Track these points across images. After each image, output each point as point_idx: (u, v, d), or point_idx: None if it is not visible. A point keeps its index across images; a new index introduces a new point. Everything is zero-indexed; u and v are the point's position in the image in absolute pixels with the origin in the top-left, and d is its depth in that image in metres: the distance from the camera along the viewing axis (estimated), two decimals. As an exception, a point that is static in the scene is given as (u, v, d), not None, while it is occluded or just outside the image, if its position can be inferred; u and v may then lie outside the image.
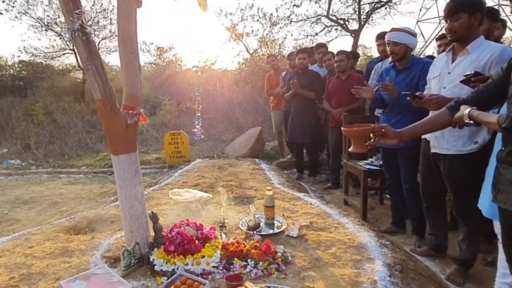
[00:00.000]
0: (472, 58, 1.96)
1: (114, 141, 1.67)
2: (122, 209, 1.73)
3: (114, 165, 1.70)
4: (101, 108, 1.62)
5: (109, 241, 2.00)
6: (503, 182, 1.29)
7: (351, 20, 11.48)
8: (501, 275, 1.82)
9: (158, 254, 1.70)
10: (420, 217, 2.66)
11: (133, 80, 1.68)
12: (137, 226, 1.75)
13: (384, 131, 1.52)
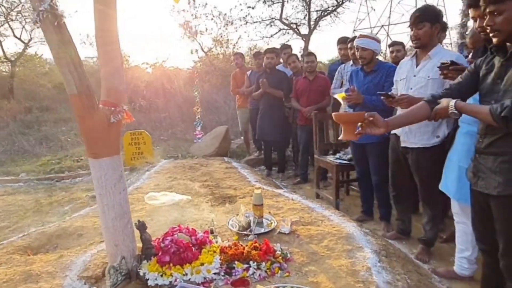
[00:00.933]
0: (434, 62, 2.15)
1: (94, 143, 1.50)
2: (104, 221, 1.56)
3: (94, 170, 1.52)
4: (77, 105, 1.43)
5: (83, 258, 1.79)
6: (484, 170, 1.43)
7: (302, 25, 11.94)
8: (460, 250, 2.08)
9: (150, 267, 1.57)
10: (387, 205, 2.88)
11: (114, 73, 1.52)
12: (122, 238, 1.59)
13: (372, 119, 1.53)
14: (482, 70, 1.46)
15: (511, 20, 1.26)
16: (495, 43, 1.36)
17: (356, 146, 2.92)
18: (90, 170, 1.54)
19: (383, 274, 1.63)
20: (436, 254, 2.39)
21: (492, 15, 1.30)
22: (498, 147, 1.35)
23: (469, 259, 2.01)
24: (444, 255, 2.39)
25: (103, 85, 1.52)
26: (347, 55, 3.93)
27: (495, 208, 1.40)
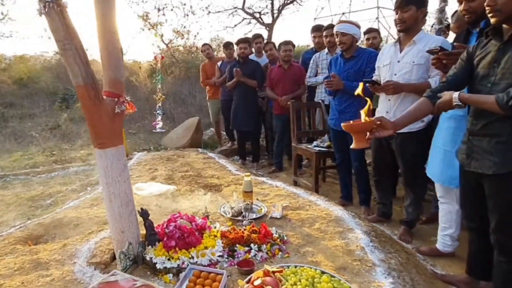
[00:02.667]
0: (419, 48, 2.22)
1: (100, 133, 1.48)
2: (111, 208, 1.55)
3: (100, 160, 1.51)
4: (84, 96, 1.41)
5: (87, 246, 1.77)
6: (478, 151, 1.52)
7: (265, 14, 11.97)
8: (443, 229, 2.22)
9: (157, 251, 1.60)
10: (366, 190, 3.04)
11: (116, 63, 1.50)
12: (128, 225, 1.60)
13: (380, 123, 1.52)
14: (476, 56, 1.52)
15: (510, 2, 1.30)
16: (494, 23, 1.40)
17: (336, 133, 3.02)
18: (96, 160, 1.52)
19: (376, 253, 1.76)
20: (417, 235, 2.56)
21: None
22: (494, 128, 1.43)
23: (452, 236, 2.17)
24: (424, 236, 2.56)
25: (105, 76, 1.50)
26: (322, 43, 3.99)
27: (489, 187, 1.51)
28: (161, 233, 1.66)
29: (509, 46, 1.38)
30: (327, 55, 3.80)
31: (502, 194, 1.48)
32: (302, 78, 4.03)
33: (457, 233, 2.18)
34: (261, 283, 1.33)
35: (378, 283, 1.51)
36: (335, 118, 3.01)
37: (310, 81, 3.96)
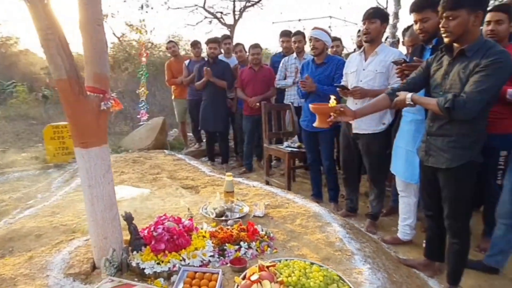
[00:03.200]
0: (380, 58, 2.48)
1: (84, 132, 1.40)
2: (93, 213, 1.47)
3: (82, 161, 1.42)
4: (67, 90, 1.32)
5: (61, 256, 1.63)
6: (434, 149, 1.76)
7: (227, 15, 11.99)
8: (403, 219, 2.48)
9: (144, 256, 1.54)
10: (335, 187, 3.22)
11: (101, 57, 1.43)
12: (111, 230, 1.53)
13: (342, 110, 1.82)
14: (433, 67, 1.77)
15: (462, 25, 1.54)
16: (447, 42, 1.64)
17: (308, 134, 3.16)
18: (77, 160, 1.42)
19: (353, 243, 1.89)
20: (380, 226, 2.79)
21: (447, 19, 1.57)
22: (446, 130, 1.68)
23: (410, 226, 2.43)
24: (386, 227, 2.81)
25: (88, 70, 1.42)
26: (289, 47, 4.16)
27: (442, 179, 1.75)
28: (148, 237, 1.60)
29: (457, 62, 1.63)
30: (295, 59, 3.94)
31: (453, 185, 1.72)
32: (272, 81, 4.13)
33: (414, 223, 2.45)
34: (258, 277, 1.34)
35: (359, 269, 1.62)
36: (307, 120, 3.14)
37: (279, 83, 4.06)
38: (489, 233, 2.26)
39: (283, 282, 1.36)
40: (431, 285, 2.00)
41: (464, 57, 1.60)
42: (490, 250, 2.10)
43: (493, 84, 1.48)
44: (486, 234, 2.38)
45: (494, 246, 2.07)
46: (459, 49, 1.61)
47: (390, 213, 2.99)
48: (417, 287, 1.88)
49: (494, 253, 2.08)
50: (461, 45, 1.61)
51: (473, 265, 2.09)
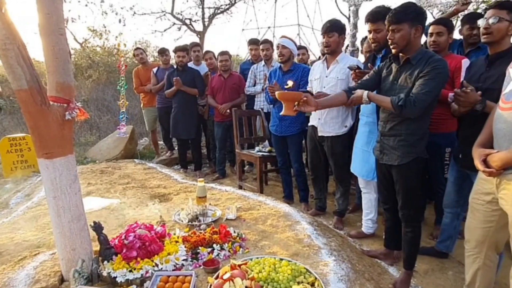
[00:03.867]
0: (341, 66, 2.66)
1: (47, 142, 1.39)
2: (59, 225, 1.46)
3: (47, 172, 1.40)
4: (28, 101, 1.31)
5: (25, 272, 1.59)
6: (387, 148, 1.92)
7: (197, 22, 11.97)
8: (366, 214, 2.65)
9: (115, 265, 1.55)
10: (305, 188, 3.34)
11: (64, 66, 1.43)
12: (80, 241, 1.52)
13: (306, 99, 1.84)
14: (383, 73, 1.95)
15: (405, 37, 1.73)
16: (394, 53, 1.84)
17: (278, 139, 3.27)
18: (41, 171, 1.41)
19: (320, 238, 1.99)
20: (346, 223, 2.94)
21: (393, 32, 1.76)
22: (396, 130, 1.85)
23: (372, 220, 2.60)
24: (352, 222, 2.96)
25: (51, 80, 1.41)
26: (258, 55, 4.29)
27: (395, 174, 1.91)
28: (119, 246, 1.61)
29: (403, 69, 1.82)
30: (264, 66, 4.06)
31: (404, 179, 1.89)
32: (242, 87, 4.21)
33: (376, 217, 2.62)
34: (230, 276, 1.39)
35: (325, 261, 1.73)
36: (276, 125, 3.26)
37: (249, 90, 4.15)
38: (439, 222, 2.46)
39: (254, 278, 1.41)
40: (390, 272, 2.15)
41: (409, 64, 1.78)
42: (440, 237, 2.30)
43: (435, 87, 1.66)
44: (437, 223, 2.61)
45: (443, 233, 2.27)
46: (405, 58, 1.79)
47: (355, 210, 3.16)
48: (378, 274, 2.01)
49: (443, 239, 2.27)
50: (406, 54, 1.79)
51: (426, 251, 2.29)
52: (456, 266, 2.20)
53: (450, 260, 2.28)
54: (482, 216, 1.49)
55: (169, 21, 11.68)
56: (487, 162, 1.35)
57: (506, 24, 1.66)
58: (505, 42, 1.72)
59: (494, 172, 1.31)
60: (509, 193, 1.29)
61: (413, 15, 1.72)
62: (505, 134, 1.29)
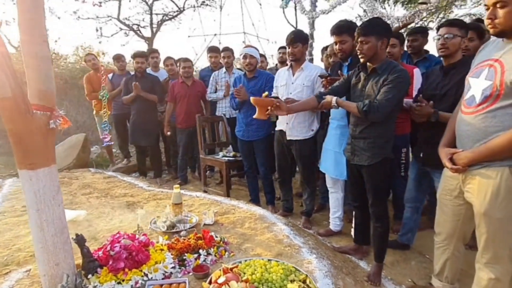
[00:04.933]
0: (306, 73, 2.82)
1: (31, 152, 1.31)
2: (42, 239, 1.37)
3: (29, 184, 1.32)
4: (11, 110, 1.23)
5: None
6: (358, 149, 2.10)
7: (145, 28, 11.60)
8: (333, 212, 2.82)
9: (102, 278, 1.49)
10: (271, 191, 3.46)
11: (46, 73, 1.36)
12: (63, 255, 1.44)
13: (278, 105, 2.06)
14: (352, 80, 2.14)
15: (372, 49, 1.92)
16: (362, 62, 2.02)
17: (244, 143, 3.34)
18: (23, 183, 1.31)
19: (298, 238, 2.10)
20: (313, 222, 3.10)
21: (361, 43, 1.94)
22: (365, 133, 2.04)
23: (339, 218, 2.78)
24: (318, 222, 3.13)
25: (32, 87, 1.34)
26: (217, 62, 4.38)
27: (366, 174, 2.09)
28: (104, 258, 1.55)
29: (371, 77, 2.02)
30: (225, 74, 4.13)
31: (374, 178, 2.08)
32: (204, 95, 4.21)
33: (342, 215, 2.81)
34: (225, 280, 1.44)
35: (308, 259, 1.83)
36: (242, 130, 3.33)
37: (211, 96, 4.18)
38: (398, 217, 2.73)
39: (248, 280, 1.47)
40: (362, 265, 2.34)
41: (376, 73, 1.98)
42: (401, 230, 2.54)
43: (397, 94, 1.88)
44: (396, 218, 2.87)
45: (405, 226, 2.51)
46: (372, 67, 2.00)
47: (320, 210, 3.35)
48: (352, 268, 2.19)
49: (404, 232, 2.52)
50: (373, 64, 1.99)
51: (390, 244, 2.47)
52: (418, 257, 2.45)
53: (412, 251, 2.52)
54: (450, 211, 1.68)
55: (116, 26, 11.12)
56: (453, 160, 1.55)
57: (458, 40, 1.95)
58: (457, 55, 2.00)
59: (460, 169, 1.51)
60: (474, 187, 1.49)
61: (380, 29, 1.93)
62: (469, 135, 1.49)
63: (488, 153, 1.40)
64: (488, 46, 1.54)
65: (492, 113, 1.39)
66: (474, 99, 1.47)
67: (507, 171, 1.37)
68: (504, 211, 1.40)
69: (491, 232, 1.47)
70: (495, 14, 1.36)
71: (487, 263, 1.52)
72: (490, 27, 1.40)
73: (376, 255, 2.17)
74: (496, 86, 1.36)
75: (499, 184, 1.39)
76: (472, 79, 1.51)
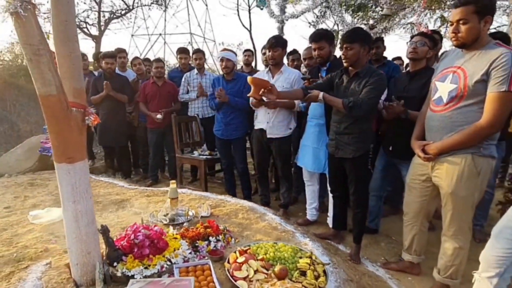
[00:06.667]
0: (285, 76, 3.08)
1: (70, 147, 1.39)
2: (76, 230, 1.46)
3: (67, 177, 1.40)
4: (56, 106, 1.31)
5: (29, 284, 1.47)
6: (342, 144, 2.37)
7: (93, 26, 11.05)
8: (310, 203, 3.12)
9: (128, 264, 1.59)
10: (249, 187, 3.67)
11: (79, 72, 1.45)
12: (93, 245, 1.54)
13: (271, 88, 2.21)
14: (335, 82, 2.41)
15: (355, 54, 2.21)
16: (345, 66, 2.30)
17: (222, 142, 3.51)
18: (61, 177, 1.38)
19: (288, 225, 2.36)
20: (291, 214, 3.36)
21: (346, 50, 2.22)
22: (349, 129, 2.31)
23: (315, 208, 3.09)
24: (294, 213, 3.40)
25: (67, 86, 1.41)
26: (187, 64, 4.48)
27: (349, 166, 2.38)
28: (127, 246, 1.65)
29: (353, 80, 2.31)
30: (197, 75, 4.23)
31: (357, 169, 2.39)
32: (176, 95, 4.27)
33: (318, 205, 3.12)
34: (244, 259, 1.64)
35: (304, 242, 2.10)
36: (221, 129, 3.51)
37: (183, 97, 4.25)
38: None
39: (263, 258, 1.69)
40: (341, 248, 2.66)
41: (358, 77, 2.28)
42: (369, 217, 2.91)
43: (377, 95, 2.22)
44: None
45: (371, 213, 2.90)
46: (355, 71, 2.29)
47: (294, 202, 3.64)
48: (335, 251, 2.51)
49: (372, 218, 2.91)
50: (355, 68, 2.29)
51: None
52: (386, 239, 2.85)
53: (380, 234, 2.92)
54: (418, 192, 2.06)
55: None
56: (425, 150, 1.91)
57: (426, 48, 2.36)
58: (423, 62, 2.40)
59: (431, 157, 1.88)
60: (442, 172, 1.86)
61: (363, 37, 2.24)
62: (438, 129, 1.86)
63: (455, 144, 1.78)
64: (450, 55, 1.92)
65: (458, 110, 1.76)
66: (441, 99, 1.84)
67: (469, 157, 1.76)
68: (467, 190, 1.80)
69: (456, 209, 1.86)
70: (458, 29, 1.72)
71: (453, 235, 1.91)
72: (454, 39, 1.76)
73: (355, 237, 2.49)
74: (460, 88, 1.74)
75: (463, 168, 1.78)
76: (439, 83, 1.88)
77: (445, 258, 1.97)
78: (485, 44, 1.72)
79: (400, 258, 2.39)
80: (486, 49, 1.70)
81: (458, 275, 1.96)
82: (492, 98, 1.65)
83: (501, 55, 1.62)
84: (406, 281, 2.27)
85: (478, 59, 1.71)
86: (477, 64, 1.70)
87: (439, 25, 8.27)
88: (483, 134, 1.71)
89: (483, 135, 1.72)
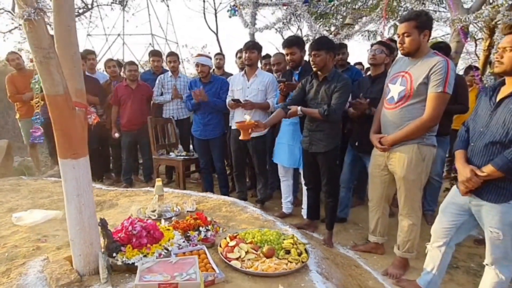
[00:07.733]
0: (260, 79, 3.31)
1: (74, 143, 1.49)
2: (80, 222, 1.54)
3: (72, 172, 1.49)
4: (62, 106, 1.40)
5: (32, 276, 1.52)
6: (315, 140, 2.65)
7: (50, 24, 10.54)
8: (285, 197, 3.37)
9: (127, 254, 1.69)
10: (226, 185, 3.85)
11: (79, 73, 1.54)
12: (95, 236, 1.62)
13: (257, 124, 2.42)
14: (307, 87, 2.67)
15: (323, 60, 2.48)
16: (314, 71, 2.57)
17: (201, 142, 3.66)
18: (66, 172, 1.47)
19: (269, 216, 2.56)
20: (267, 208, 3.56)
21: (314, 56, 2.49)
22: (321, 127, 2.59)
23: (290, 201, 3.34)
24: (271, 208, 3.61)
25: (69, 87, 1.50)
26: (159, 66, 4.58)
27: (322, 160, 2.65)
28: (125, 237, 1.74)
29: (323, 84, 2.59)
30: (171, 77, 4.33)
31: (329, 162, 2.67)
32: (150, 97, 4.33)
33: (292, 199, 3.38)
34: (235, 243, 1.82)
35: (285, 229, 2.30)
36: (199, 130, 3.66)
37: (158, 99, 4.33)
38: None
39: (252, 241, 1.87)
40: (315, 236, 2.92)
41: (326, 81, 2.57)
42: (339, 207, 3.22)
43: (346, 98, 2.53)
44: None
45: (341, 203, 3.20)
46: (323, 76, 2.57)
47: (269, 199, 3.86)
48: (310, 238, 2.75)
49: (342, 209, 3.21)
50: (323, 73, 2.57)
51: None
52: (354, 226, 3.16)
53: (349, 223, 3.23)
54: (379, 180, 2.38)
55: (12, 21, 9.82)
56: (381, 143, 2.23)
57: (384, 55, 2.72)
58: (382, 67, 2.76)
59: (387, 148, 2.21)
60: (395, 160, 2.19)
61: (329, 45, 2.53)
62: (390, 124, 2.19)
63: (403, 136, 2.12)
64: (399, 62, 2.27)
65: (405, 108, 2.11)
66: (393, 99, 2.18)
67: (416, 146, 2.12)
68: (415, 174, 2.14)
69: (407, 191, 2.20)
70: (403, 41, 2.08)
71: (406, 214, 2.25)
72: (401, 49, 2.12)
73: (328, 224, 2.77)
74: (407, 90, 2.09)
75: (412, 156, 2.12)
76: (391, 85, 2.23)
77: (402, 235, 2.29)
78: (426, 53, 2.07)
79: (367, 241, 2.70)
80: (427, 57, 2.06)
81: (414, 248, 2.29)
82: (431, 97, 2.01)
83: (437, 63, 1.97)
84: (372, 259, 2.58)
85: (421, 66, 2.05)
86: (420, 69, 2.05)
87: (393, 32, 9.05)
88: (425, 127, 2.06)
89: (426, 127, 2.06)
